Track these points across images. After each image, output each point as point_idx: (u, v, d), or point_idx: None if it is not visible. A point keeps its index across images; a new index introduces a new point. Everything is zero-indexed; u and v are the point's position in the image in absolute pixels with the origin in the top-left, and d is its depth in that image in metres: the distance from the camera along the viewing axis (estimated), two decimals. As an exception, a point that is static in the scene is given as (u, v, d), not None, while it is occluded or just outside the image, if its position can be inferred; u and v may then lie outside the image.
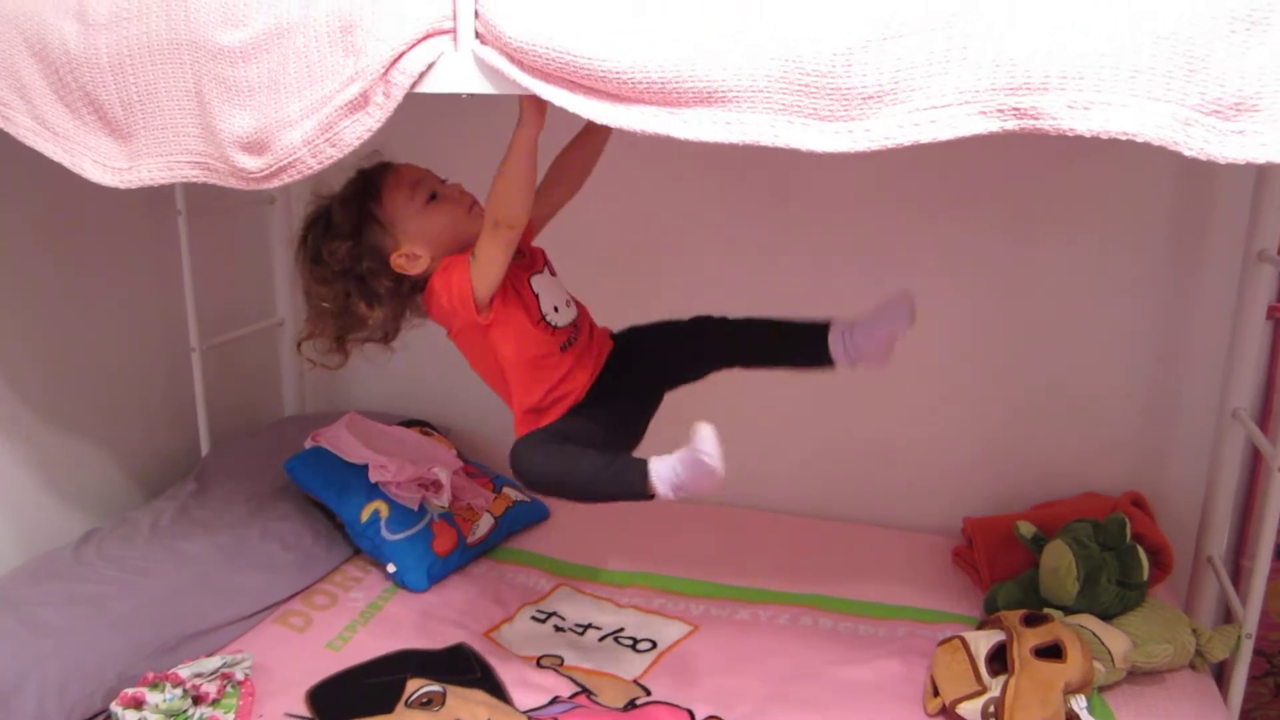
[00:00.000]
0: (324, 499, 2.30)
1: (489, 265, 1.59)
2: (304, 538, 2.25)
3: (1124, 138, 1.08)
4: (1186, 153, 1.08)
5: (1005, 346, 2.40)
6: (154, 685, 1.73)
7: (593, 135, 1.79)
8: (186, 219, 2.40)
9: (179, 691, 1.73)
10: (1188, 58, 1.07)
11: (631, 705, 1.83)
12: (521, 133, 1.49)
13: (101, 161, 1.53)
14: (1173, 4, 1.07)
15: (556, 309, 1.71)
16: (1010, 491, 2.44)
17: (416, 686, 1.83)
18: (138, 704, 1.70)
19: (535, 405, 1.70)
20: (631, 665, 1.98)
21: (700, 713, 1.82)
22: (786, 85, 1.17)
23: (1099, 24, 1.09)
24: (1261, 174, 2.01)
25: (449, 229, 1.69)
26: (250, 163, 1.43)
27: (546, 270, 1.76)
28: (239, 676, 1.81)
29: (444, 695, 1.81)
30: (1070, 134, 1.10)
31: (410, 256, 1.67)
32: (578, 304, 1.78)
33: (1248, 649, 1.89)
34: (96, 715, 1.74)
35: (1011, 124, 1.12)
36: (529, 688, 1.87)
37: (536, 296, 1.69)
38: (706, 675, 1.93)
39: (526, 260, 1.73)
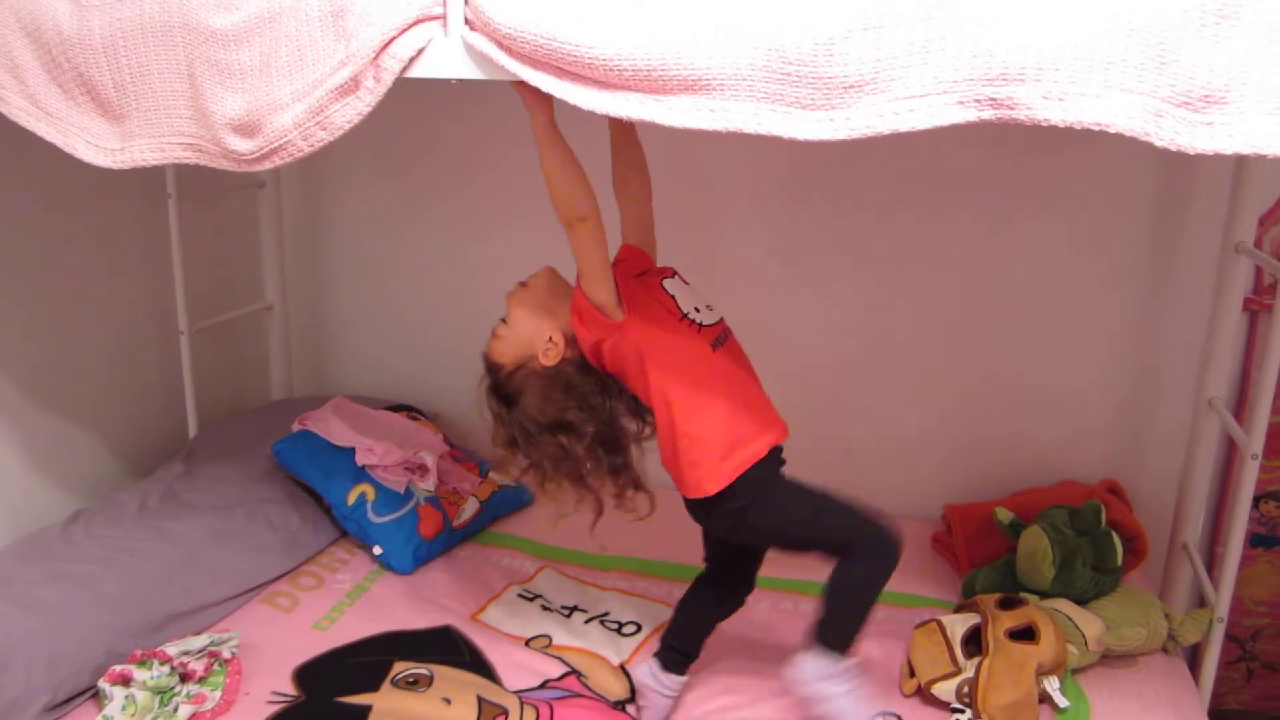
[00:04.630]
0: (311, 481, 2.32)
1: (589, 264, 1.57)
2: (291, 520, 2.26)
3: (1097, 128, 1.11)
4: (1158, 143, 1.11)
5: (986, 336, 2.44)
6: (142, 663, 1.75)
7: (623, 140, 1.77)
8: (177, 202, 2.41)
9: (166, 669, 1.74)
10: (1159, 50, 1.09)
11: (621, 706, 1.85)
12: (534, 122, 1.50)
13: (94, 142, 1.54)
14: (1145, -3, 1.10)
15: (698, 309, 1.67)
16: (990, 479, 2.47)
17: (403, 668, 1.86)
18: (125, 681, 1.71)
19: (714, 438, 1.63)
20: (618, 649, 2.01)
21: (682, 695, 1.84)
22: (769, 74, 1.19)
23: (1074, 17, 1.11)
24: (1239, 168, 2.04)
25: (529, 308, 1.69)
26: (241, 145, 1.45)
27: (678, 278, 1.73)
28: (226, 655, 1.83)
29: (431, 677, 1.83)
30: (1045, 124, 1.12)
31: (548, 347, 1.66)
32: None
33: (1219, 633, 1.93)
34: (84, 692, 1.76)
35: (989, 114, 1.14)
36: (518, 669, 1.90)
37: (672, 297, 1.66)
38: (689, 658, 1.96)
39: (653, 270, 1.72)
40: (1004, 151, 2.31)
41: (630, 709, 1.86)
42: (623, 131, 1.76)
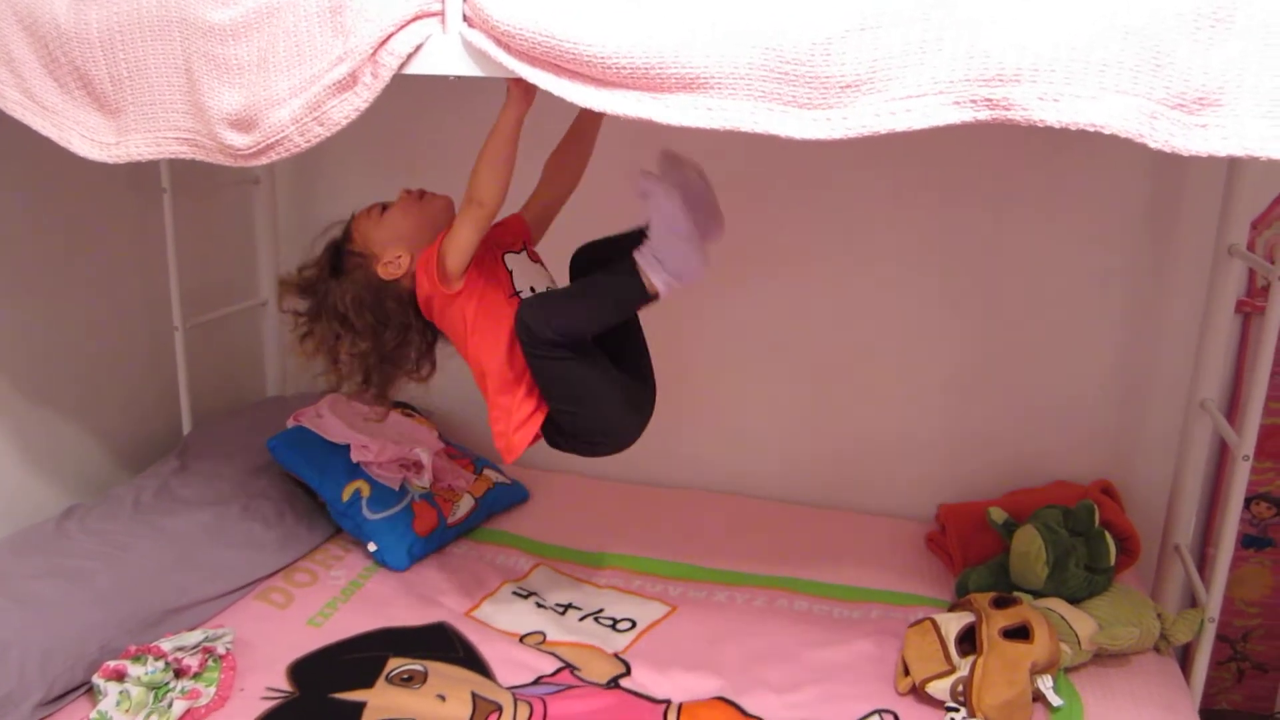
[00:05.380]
0: (306, 478, 2.32)
1: (458, 239, 1.65)
2: (285, 516, 2.27)
3: (1092, 129, 1.11)
4: (1152, 145, 1.12)
5: (980, 337, 2.44)
6: (136, 658, 1.75)
7: (582, 133, 1.82)
8: (172, 197, 2.41)
9: (161, 664, 1.74)
10: (1154, 53, 1.10)
11: (614, 683, 1.86)
12: (507, 114, 1.53)
13: (90, 136, 1.54)
14: (1141, 1, 1.11)
15: (534, 289, 1.75)
16: (984, 479, 2.48)
17: (398, 664, 1.86)
18: (119, 676, 1.71)
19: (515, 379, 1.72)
20: (613, 643, 2.01)
21: (679, 692, 1.85)
22: (767, 73, 1.20)
23: (1070, 18, 1.12)
24: (1231, 171, 2.05)
25: (409, 220, 1.77)
26: (238, 140, 1.45)
27: (525, 253, 1.80)
28: (220, 650, 1.83)
29: (425, 674, 1.83)
30: (1040, 125, 1.13)
31: (392, 261, 1.75)
32: None
33: (1210, 633, 1.94)
34: (78, 687, 1.76)
35: (984, 114, 1.15)
36: (513, 665, 1.90)
37: (510, 272, 1.75)
38: (685, 655, 1.96)
39: (506, 240, 1.78)
40: (998, 154, 2.32)
41: (624, 681, 1.87)
42: (589, 126, 1.82)
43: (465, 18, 1.37)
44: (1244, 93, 1.09)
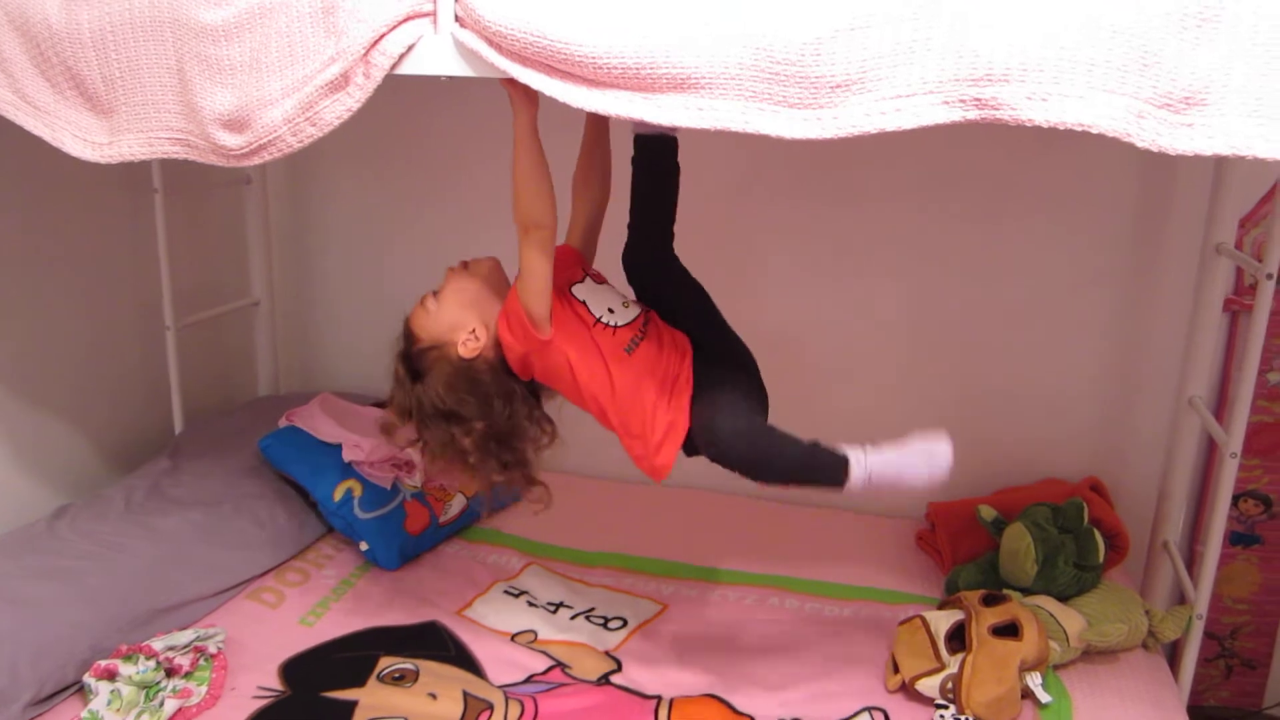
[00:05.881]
0: (298, 477, 2.32)
1: (532, 275, 1.57)
2: (277, 516, 2.26)
3: (1080, 129, 1.12)
4: (1139, 144, 1.13)
5: (971, 336, 2.45)
6: (127, 657, 1.75)
7: (595, 142, 1.78)
8: (163, 197, 2.41)
9: (152, 664, 1.74)
10: (1142, 53, 1.11)
11: (605, 680, 1.87)
12: (517, 121, 1.50)
13: (82, 136, 1.54)
14: (1128, 1, 1.12)
15: (612, 310, 1.68)
16: (974, 477, 2.48)
17: (389, 663, 1.86)
18: (111, 675, 1.71)
19: (653, 407, 1.66)
20: (604, 641, 2.02)
21: (669, 689, 1.85)
22: (757, 73, 1.20)
23: (1057, 18, 1.13)
24: (1219, 170, 2.07)
25: (466, 294, 1.69)
26: (231, 140, 1.45)
27: (589, 279, 1.74)
28: (212, 650, 1.83)
29: (417, 673, 1.84)
30: (1029, 124, 1.14)
31: (469, 338, 1.67)
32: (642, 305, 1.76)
33: (1198, 630, 1.95)
34: (69, 687, 1.76)
35: (973, 114, 1.16)
36: (504, 664, 1.90)
37: (583, 303, 1.67)
38: (676, 653, 1.97)
39: (565, 275, 1.71)
40: (988, 153, 2.33)
41: (615, 678, 1.87)
42: (598, 132, 1.77)
43: (457, 18, 1.37)
44: (1230, 92, 1.11)
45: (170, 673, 1.76)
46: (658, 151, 1.71)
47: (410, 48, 1.39)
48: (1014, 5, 1.13)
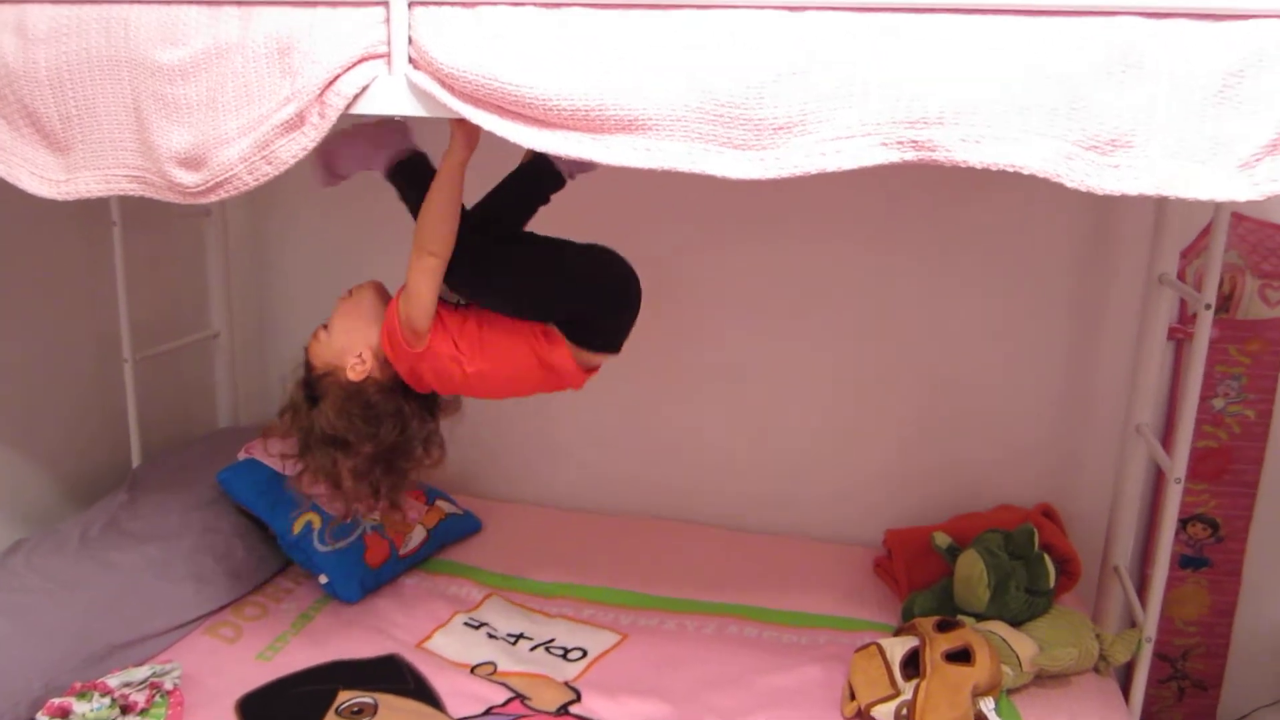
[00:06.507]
0: (256, 510, 2.31)
1: (419, 295, 1.64)
2: (236, 549, 2.25)
3: (1012, 170, 1.17)
4: (1069, 184, 1.17)
5: (925, 366, 2.50)
6: (81, 694, 1.73)
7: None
8: (122, 230, 2.41)
9: (107, 701, 1.73)
10: (1070, 98, 1.16)
11: (564, 710, 1.87)
12: (449, 160, 1.55)
13: (38, 173, 1.55)
14: (1057, 48, 1.16)
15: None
16: (930, 504, 2.53)
17: (348, 697, 1.86)
18: (64, 713, 1.70)
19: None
20: (564, 672, 2.02)
21: (629, 718, 1.86)
22: (703, 115, 1.24)
23: (991, 65, 1.17)
24: (1161, 204, 2.13)
25: (350, 319, 1.77)
26: (187, 178, 1.46)
27: None
28: (168, 686, 1.82)
29: (375, 706, 1.83)
30: (964, 165, 1.18)
31: (356, 362, 1.74)
32: None
33: (1148, 653, 1.99)
34: (23, 725, 1.74)
35: (910, 155, 1.20)
36: (463, 697, 1.90)
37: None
38: (636, 683, 1.98)
39: None
40: (940, 187, 2.38)
41: (574, 708, 1.88)
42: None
43: (411, 60, 1.40)
44: (1153, 135, 1.15)
45: (125, 710, 1.75)
46: (549, 184, 1.78)
47: (365, 88, 1.41)
48: (948, 52, 1.18)
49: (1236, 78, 1.14)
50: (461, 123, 1.39)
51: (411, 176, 1.74)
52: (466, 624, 2.18)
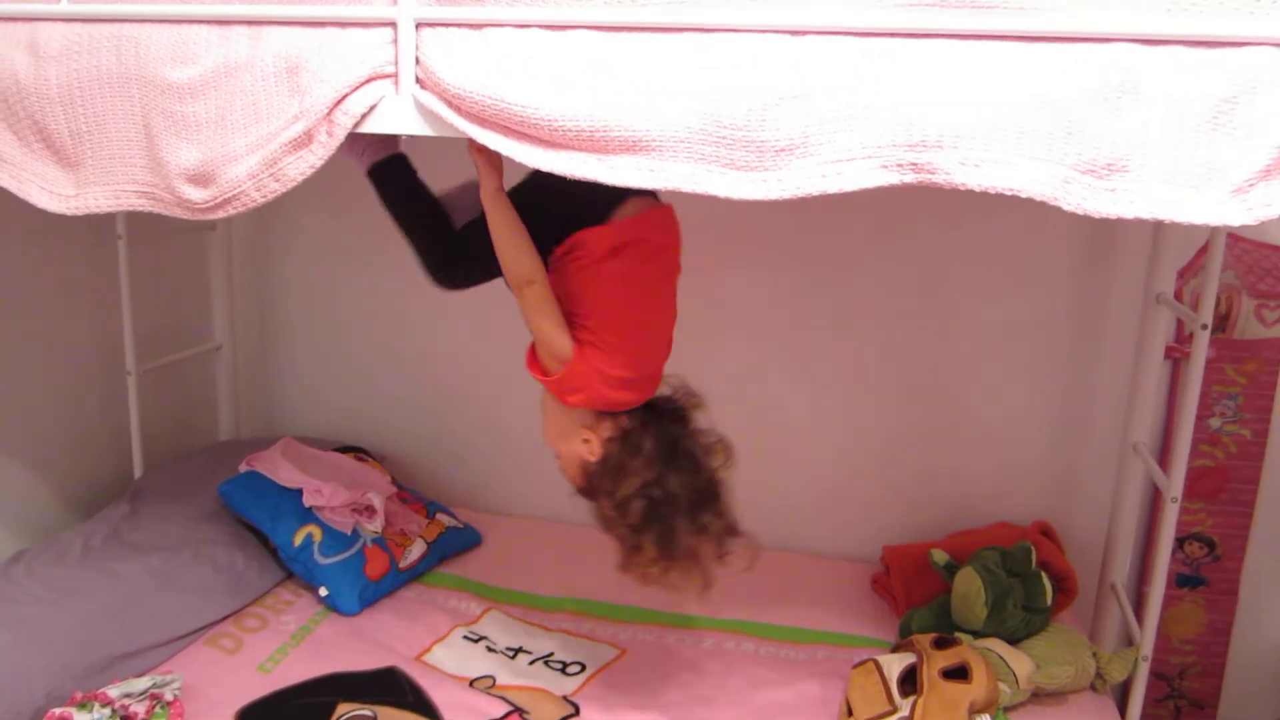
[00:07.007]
0: (257, 523, 2.32)
1: (544, 325, 1.64)
2: (236, 561, 2.26)
3: (1009, 193, 1.18)
4: (1066, 207, 1.19)
5: (923, 385, 2.51)
6: (82, 705, 1.74)
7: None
8: (127, 243, 2.42)
9: (107, 711, 1.74)
10: (1067, 122, 1.17)
11: (561, 726, 1.88)
12: (484, 190, 1.57)
13: (48, 189, 1.56)
14: (1054, 73, 1.18)
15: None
16: (928, 521, 2.54)
17: (347, 710, 1.86)
18: (65, 724, 1.71)
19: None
20: (562, 686, 2.03)
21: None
22: (706, 137, 1.25)
23: (989, 89, 1.19)
24: (1158, 225, 2.14)
25: (554, 427, 1.79)
26: (196, 194, 1.48)
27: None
28: (168, 697, 1.82)
29: (375, 719, 1.84)
30: (963, 188, 1.20)
31: (584, 446, 1.76)
32: None
33: (1144, 671, 1.99)
34: (23, 735, 1.75)
35: (910, 177, 1.22)
36: (462, 710, 1.91)
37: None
38: (634, 697, 1.99)
39: None
40: (941, 206, 2.40)
41: None
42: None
43: (418, 80, 1.42)
44: (1149, 159, 1.17)
45: (125, 720, 1.76)
46: (402, 170, 1.80)
47: (372, 108, 1.42)
48: (947, 77, 1.20)
49: (1230, 104, 1.16)
50: (481, 150, 1.40)
51: (390, 180, 1.77)
52: (466, 637, 2.19)
